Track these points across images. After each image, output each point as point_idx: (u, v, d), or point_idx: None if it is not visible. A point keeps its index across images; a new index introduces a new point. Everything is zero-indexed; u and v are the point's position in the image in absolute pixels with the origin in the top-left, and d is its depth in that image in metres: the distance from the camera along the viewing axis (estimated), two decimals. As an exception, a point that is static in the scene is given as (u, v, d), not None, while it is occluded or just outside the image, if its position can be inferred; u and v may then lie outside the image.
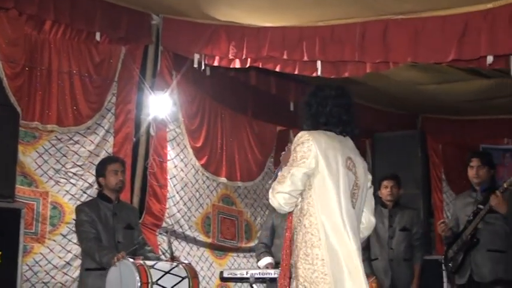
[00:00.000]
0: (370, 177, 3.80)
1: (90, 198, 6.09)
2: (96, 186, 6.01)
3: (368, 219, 3.77)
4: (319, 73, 5.92)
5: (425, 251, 7.39)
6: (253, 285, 6.07)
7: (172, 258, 5.33)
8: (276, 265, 6.21)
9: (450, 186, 9.31)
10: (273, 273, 5.79)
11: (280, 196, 3.54)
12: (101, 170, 5.56)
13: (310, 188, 3.52)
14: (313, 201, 3.50)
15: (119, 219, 5.46)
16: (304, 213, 3.52)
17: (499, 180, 6.53)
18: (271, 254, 6.36)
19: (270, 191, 3.61)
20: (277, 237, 6.47)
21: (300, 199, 3.57)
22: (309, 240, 3.48)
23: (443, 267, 6.30)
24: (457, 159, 8.91)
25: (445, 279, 6.94)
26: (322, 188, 3.50)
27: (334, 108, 3.67)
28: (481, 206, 5.83)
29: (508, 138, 9.38)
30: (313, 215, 3.49)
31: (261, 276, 5.99)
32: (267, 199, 8.62)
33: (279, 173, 3.65)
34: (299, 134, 3.60)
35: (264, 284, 6.40)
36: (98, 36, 6.51)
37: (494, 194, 5.66)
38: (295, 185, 3.51)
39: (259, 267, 6.28)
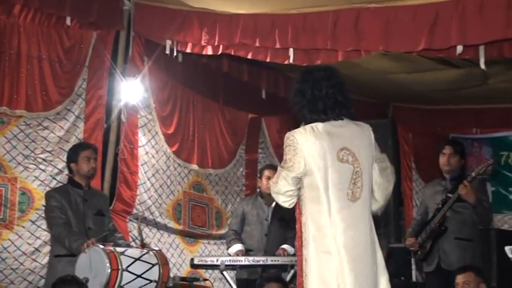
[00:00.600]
0: (378, 150, 3.59)
1: (60, 184, 6.05)
2: (66, 172, 5.96)
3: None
4: (291, 61, 5.91)
5: (395, 239, 7.45)
6: (224, 272, 6.09)
7: (143, 245, 5.33)
8: (246, 252, 6.23)
9: (420, 175, 9.37)
10: (243, 260, 5.81)
11: (277, 197, 3.54)
12: (72, 156, 5.51)
13: (303, 187, 3.46)
14: (305, 199, 3.45)
15: (90, 206, 5.43)
16: (300, 211, 3.50)
17: (468, 170, 6.60)
18: (241, 241, 6.38)
19: (271, 189, 3.60)
20: (247, 225, 6.50)
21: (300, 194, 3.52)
22: (300, 238, 3.47)
23: (412, 255, 6.35)
24: (427, 148, 8.97)
25: (413, 267, 7.00)
26: (310, 189, 3.42)
27: (330, 89, 3.51)
28: (450, 195, 5.89)
29: (477, 128, 9.46)
30: (304, 214, 3.45)
31: (232, 263, 6.01)
32: (238, 186, 8.68)
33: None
34: (286, 135, 3.48)
35: (234, 271, 6.42)
36: (68, 21, 6.44)
37: (462, 183, 5.72)
38: (287, 187, 3.46)
39: (229, 254, 6.31)
